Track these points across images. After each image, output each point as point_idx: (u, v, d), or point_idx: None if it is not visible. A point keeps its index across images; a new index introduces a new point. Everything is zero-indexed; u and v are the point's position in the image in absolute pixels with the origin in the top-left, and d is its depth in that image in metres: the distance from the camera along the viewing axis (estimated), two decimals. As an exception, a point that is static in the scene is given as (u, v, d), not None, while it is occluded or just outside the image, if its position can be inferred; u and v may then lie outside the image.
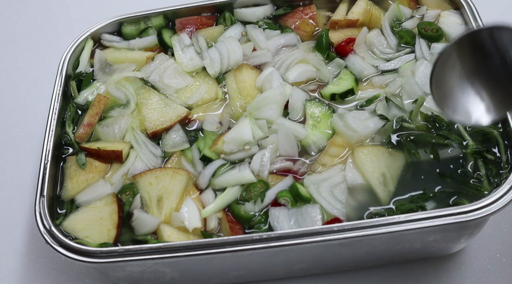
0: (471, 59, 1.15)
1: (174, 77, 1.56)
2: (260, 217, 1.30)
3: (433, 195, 1.27)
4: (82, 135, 1.47)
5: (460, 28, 1.54)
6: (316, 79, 1.54)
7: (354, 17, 1.62)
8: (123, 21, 1.71)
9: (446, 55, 1.13)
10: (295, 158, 1.39)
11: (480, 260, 1.42)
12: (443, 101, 1.16)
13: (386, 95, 1.46)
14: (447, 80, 1.16)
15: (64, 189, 1.39)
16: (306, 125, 1.43)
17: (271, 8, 1.72)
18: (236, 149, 1.40)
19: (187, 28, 1.67)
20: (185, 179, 1.36)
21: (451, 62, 1.15)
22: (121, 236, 1.31)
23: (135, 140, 1.45)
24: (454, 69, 1.16)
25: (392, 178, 1.32)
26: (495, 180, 1.26)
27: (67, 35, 1.77)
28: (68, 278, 1.50)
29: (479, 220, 1.17)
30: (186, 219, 1.29)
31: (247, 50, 1.60)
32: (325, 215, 1.28)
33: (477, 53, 1.14)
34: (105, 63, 1.63)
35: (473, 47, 1.14)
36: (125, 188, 1.38)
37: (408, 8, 1.64)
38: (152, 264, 1.24)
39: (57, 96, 1.51)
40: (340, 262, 1.39)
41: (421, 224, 1.16)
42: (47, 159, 1.38)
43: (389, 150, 1.36)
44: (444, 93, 1.16)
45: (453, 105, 1.16)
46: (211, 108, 1.53)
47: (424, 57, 1.50)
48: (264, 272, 1.40)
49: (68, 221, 1.32)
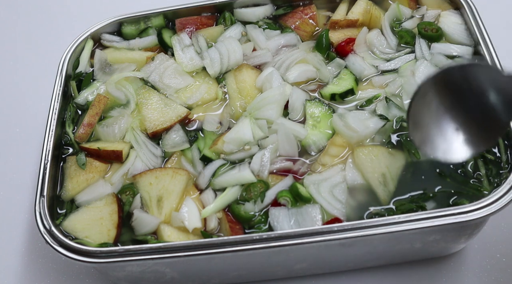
0: (447, 96, 1.16)
1: (174, 77, 1.56)
2: (260, 217, 1.30)
3: (433, 195, 1.27)
4: (82, 135, 1.47)
5: (460, 28, 1.54)
6: (316, 79, 1.54)
7: (354, 17, 1.62)
8: (123, 21, 1.71)
9: (423, 93, 1.14)
10: (295, 158, 1.39)
11: (480, 260, 1.42)
12: (420, 137, 1.18)
13: (386, 95, 1.46)
14: (424, 116, 1.17)
15: (64, 189, 1.39)
16: (306, 125, 1.43)
17: (271, 8, 1.72)
18: (236, 149, 1.40)
19: (187, 28, 1.67)
20: (185, 179, 1.36)
21: (428, 99, 1.16)
22: (121, 236, 1.31)
23: (135, 140, 1.45)
24: (431, 106, 1.17)
25: (392, 178, 1.32)
26: (495, 180, 1.26)
27: (67, 35, 1.77)
28: (68, 278, 1.50)
29: (479, 220, 1.17)
30: (186, 219, 1.29)
31: (247, 50, 1.60)
32: (325, 215, 1.28)
33: (452, 90, 1.16)
34: (105, 63, 1.63)
35: (447, 85, 1.15)
36: (125, 188, 1.38)
37: (408, 8, 1.64)
38: (152, 264, 1.24)
39: (57, 96, 1.51)
40: (340, 262, 1.39)
41: (421, 224, 1.16)
42: (47, 159, 1.38)
43: (389, 150, 1.36)
44: (422, 129, 1.17)
45: (430, 141, 1.17)
46: (211, 108, 1.53)
47: (424, 57, 1.50)
48: (264, 272, 1.40)
49: (68, 221, 1.32)
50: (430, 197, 1.27)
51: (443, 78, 1.14)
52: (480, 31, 1.47)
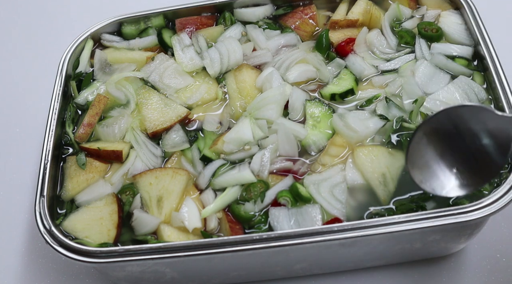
0: (443, 137, 1.22)
1: (174, 77, 1.56)
2: (260, 217, 1.30)
3: (433, 195, 1.27)
4: (82, 135, 1.47)
5: (460, 28, 1.54)
6: (316, 79, 1.54)
7: (354, 17, 1.62)
8: (123, 21, 1.71)
9: (419, 136, 1.21)
10: (295, 158, 1.39)
11: (480, 260, 1.42)
12: (420, 176, 1.23)
13: (386, 95, 1.46)
14: (422, 157, 1.23)
15: (64, 189, 1.39)
16: (306, 125, 1.43)
17: (271, 8, 1.72)
18: (236, 149, 1.40)
19: (187, 28, 1.67)
20: (185, 179, 1.36)
21: (424, 141, 1.22)
22: (121, 236, 1.31)
23: (135, 140, 1.45)
24: (427, 149, 1.23)
25: (392, 178, 1.31)
26: (495, 180, 1.26)
27: (67, 35, 1.77)
28: (68, 278, 1.50)
29: (479, 220, 1.17)
30: (186, 219, 1.29)
31: (247, 50, 1.60)
32: (325, 215, 1.28)
33: (446, 133, 1.22)
34: (105, 63, 1.63)
35: (441, 129, 1.22)
36: (125, 188, 1.38)
37: (408, 8, 1.64)
38: (152, 264, 1.24)
39: (57, 96, 1.51)
40: (340, 262, 1.39)
41: (421, 224, 1.16)
42: (47, 159, 1.38)
43: (389, 150, 1.36)
44: (420, 170, 1.23)
45: (429, 181, 1.23)
46: (211, 108, 1.53)
47: (424, 57, 1.50)
48: (264, 272, 1.40)
49: (68, 221, 1.32)
50: (430, 197, 1.27)
51: (440, 120, 1.21)
52: (480, 31, 1.47)
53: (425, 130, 1.22)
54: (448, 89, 1.42)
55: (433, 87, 1.44)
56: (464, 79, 1.43)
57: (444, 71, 1.48)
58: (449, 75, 1.47)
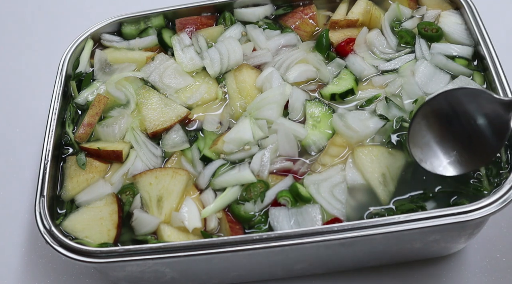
0: (441, 120, 1.26)
1: (174, 77, 1.56)
2: (260, 217, 1.30)
3: (433, 195, 1.27)
4: (82, 135, 1.47)
5: (460, 28, 1.54)
6: (316, 79, 1.54)
7: (354, 17, 1.62)
8: (123, 21, 1.71)
9: (420, 119, 1.25)
10: (295, 158, 1.39)
11: (480, 260, 1.42)
12: (420, 155, 1.27)
13: (386, 95, 1.46)
14: (423, 137, 1.27)
15: (64, 189, 1.39)
16: (306, 125, 1.43)
17: (271, 8, 1.71)
18: (236, 149, 1.40)
19: (187, 28, 1.67)
20: (185, 179, 1.36)
21: (424, 124, 1.26)
22: (121, 236, 1.31)
23: (135, 140, 1.45)
24: (428, 130, 1.27)
25: (392, 178, 1.32)
26: (495, 180, 1.26)
27: (67, 35, 1.77)
28: (68, 278, 1.50)
29: (479, 220, 1.17)
30: (186, 219, 1.29)
31: (247, 50, 1.60)
32: (325, 215, 1.28)
33: (446, 115, 1.25)
34: (105, 63, 1.63)
35: (440, 111, 1.25)
36: (125, 188, 1.38)
37: (408, 8, 1.64)
38: (152, 264, 1.24)
39: (57, 96, 1.51)
40: (340, 262, 1.39)
41: (421, 224, 1.16)
42: (47, 159, 1.38)
43: (389, 150, 1.36)
44: (420, 149, 1.27)
45: (429, 159, 1.27)
46: (211, 108, 1.53)
47: (424, 57, 1.50)
48: (264, 272, 1.40)
49: (68, 221, 1.32)
50: (430, 197, 1.27)
51: (439, 102, 1.23)
52: (480, 31, 1.47)
53: (425, 111, 1.25)
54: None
55: (433, 87, 1.44)
56: (464, 79, 1.43)
57: (444, 71, 1.48)
58: (449, 75, 1.47)
